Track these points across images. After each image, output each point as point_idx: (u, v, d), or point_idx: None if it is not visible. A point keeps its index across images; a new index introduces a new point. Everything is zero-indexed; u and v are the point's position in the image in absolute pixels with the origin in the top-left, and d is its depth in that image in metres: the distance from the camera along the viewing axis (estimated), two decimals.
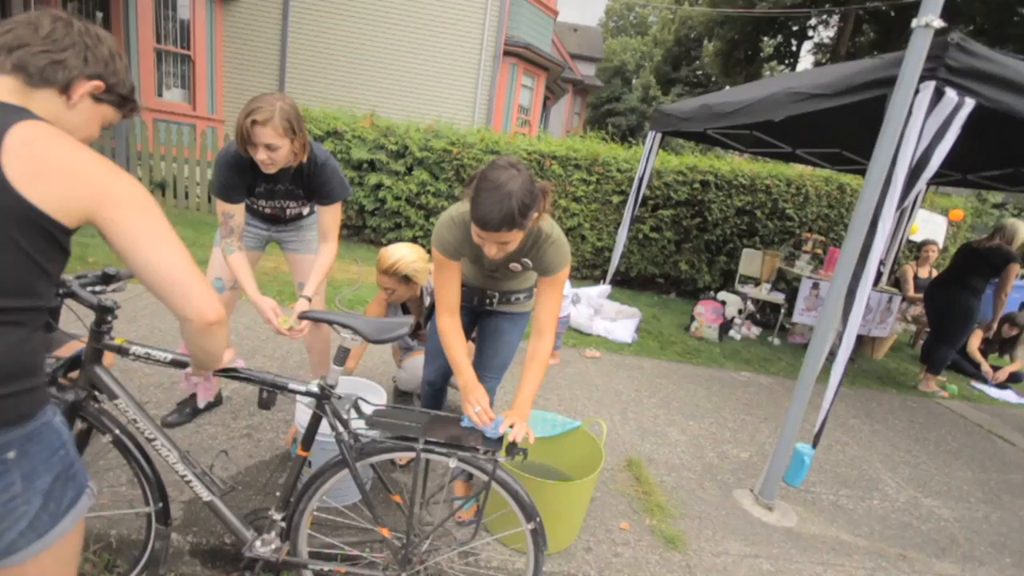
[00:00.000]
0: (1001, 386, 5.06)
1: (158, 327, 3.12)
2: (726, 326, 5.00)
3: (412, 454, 1.28)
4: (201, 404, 2.21)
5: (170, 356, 1.27)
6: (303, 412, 1.80)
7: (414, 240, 6.19)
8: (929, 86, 1.99)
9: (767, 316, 5.62)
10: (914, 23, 1.90)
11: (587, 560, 1.83)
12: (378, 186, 5.88)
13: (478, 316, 1.94)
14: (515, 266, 1.63)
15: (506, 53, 10.09)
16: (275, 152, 1.64)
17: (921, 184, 2.11)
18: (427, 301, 2.27)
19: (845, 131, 4.23)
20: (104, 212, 0.80)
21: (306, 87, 9.57)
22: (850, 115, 2.90)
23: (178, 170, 6.70)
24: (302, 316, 1.55)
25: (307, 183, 1.87)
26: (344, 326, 1.26)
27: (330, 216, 1.92)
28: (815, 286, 4.91)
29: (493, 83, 10.00)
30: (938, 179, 5.11)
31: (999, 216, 9.24)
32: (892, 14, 14.37)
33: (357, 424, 1.34)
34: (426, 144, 5.80)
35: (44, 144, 0.77)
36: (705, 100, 4.14)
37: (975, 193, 10.76)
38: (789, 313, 5.21)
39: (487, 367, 1.87)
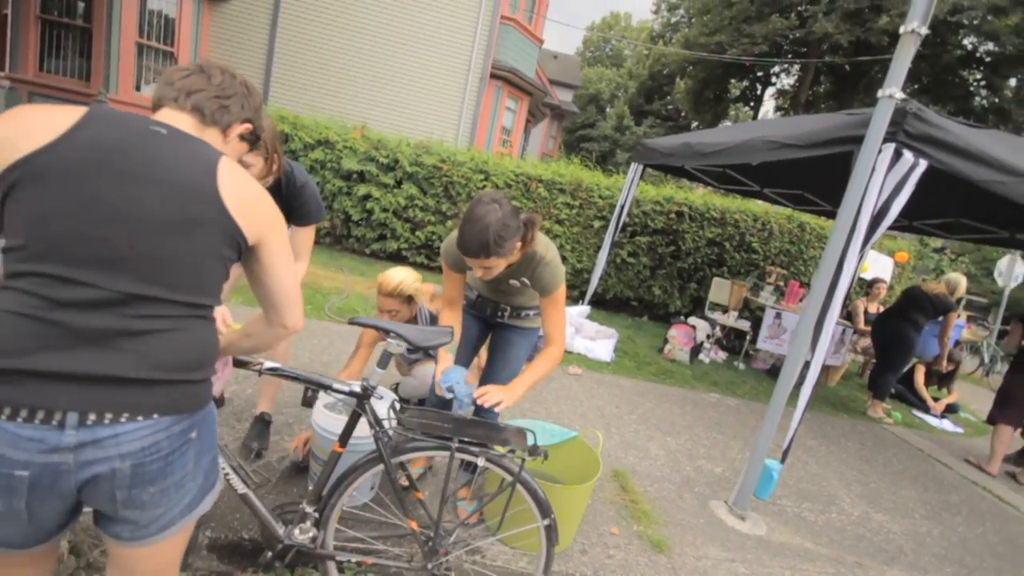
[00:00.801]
0: (940, 416, 5.53)
1: None
2: (696, 349, 5.29)
3: (444, 453, 1.40)
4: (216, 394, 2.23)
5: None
6: (322, 415, 1.89)
7: (398, 252, 6.27)
8: (890, 147, 2.29)
9: (732, 342, 5.96)
10: (880, 93, 2.21)
11: (583, 561, 1.96)
12: (366, 197, 5.95)
13: (491, 328, 2.08)
14: (514, 283, 1.82)
15: (492, 76, 10.40)
16: (248, 169, 1.67)
17: (881, 232, 2.41)
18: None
19: (808, 176, 4.65)
20: (269, 236, 0.99)
21: (291, 94, 9.56)
22: (814, 162, 3.23)
23: None
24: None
25: (285, 203, 1.89)
26: (392, 332, 1.38)
27: (304, 236, 1.98)
28: (778, 316, 5.27)
29: (479, 104, 10.26)
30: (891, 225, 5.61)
31: (938, 260, 10.07)
32: (847, 68, 15.57)
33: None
34: (417, 159, 5.94)
35: (242, 178, 0.94)
36: (687, 139, 4.47)
37: (918, 238, 11.73)
38: (753, 340, 5.56)
39: (496, 377, 2.00)
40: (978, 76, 13.68)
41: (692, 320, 5.59)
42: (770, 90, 19.33)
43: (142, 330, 0.84)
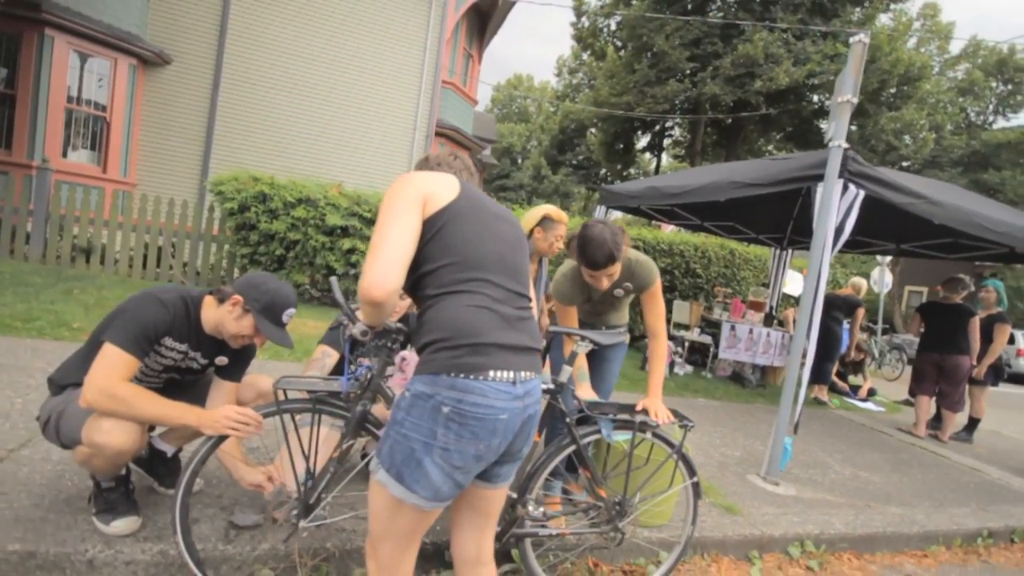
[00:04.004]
0: (863, 400, 6.63)
1: None
2: (671, 365, 5.97)
3: (627, 432, 1.78)
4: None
5: None
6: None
7: None
8: (840, 182, 3.11)
9: (694, 356, 6.75)
10: (831, 144, 3.02)
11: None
12: (351, 251, 6.11)
13: (588, 356, 2.36)
14: (619, 291, 2.18)
15: (437, 134, 11.04)
16: None
17: (840, 243, 3.19)
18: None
19: (739, 210, 5.65)
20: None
21: (236, 155, 9.45)
22: (748, 199, 4.07)
23: (95, 233, 6.23)
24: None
25: None
26: (583, 337, 1.76)
27: None
28: (732, 328, 6.13)
29: None
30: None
31: (833, 271, 11.99)
32: (729, 123, 18.27)
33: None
34: None
35: None
36: (651, 183, 5.27)
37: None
38: (715, 354, 6.37)
39: (598, 391, 2.31)
40: (826, 126, 16.79)
41: None
42: (668, 141, 22.00)
43: (524, 317, 1.20)
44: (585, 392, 2.01)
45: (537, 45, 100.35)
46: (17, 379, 2.75)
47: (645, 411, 1.84)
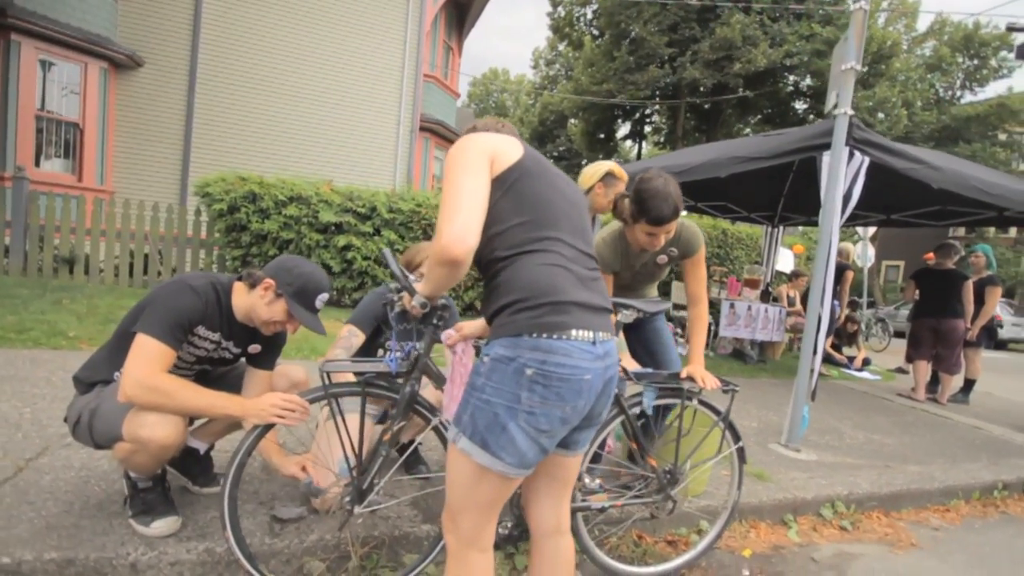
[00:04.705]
0: (859, 370, 6.77)
1: None
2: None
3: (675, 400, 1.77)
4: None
5: None
6: None
7: None
8: (846, 149, 3.14)
9: None
10: (837, 112, 3.05)
11: (722, 495, 2.36)
12: (347, 247, 6.00)
13: (632, 330, 2.30)
14: (662, 258, 2.08)
15: (421, 128, 10.91)
16: None
17: (849, 211, 3.22)
18: None
19: (732, 188, 5.70)
20: None
21: (217, 157, 9.21)
22: (739, 177, 4.09)
23: (77, 243, 6.02)
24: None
25: None
26: (627, 306, 1.74)
27: None
28: (732, 306, 6.19)
29: (411, 155, 10.67)
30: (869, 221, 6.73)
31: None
32: (707, 107, 18.44)
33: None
34: (393, 206, 6.16)
35: None
36: (650, 165, 5.28)
37: (804, 235, 14.24)
38: (715, 332, 6.43)
39: (668, 362, 2.24)
40: (805, 105, 17.08)
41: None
42: (648, 128, 22.13)
43: (595, 277, 1.17)
44: (627, 362, 1.99)
45: (511, 40, 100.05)
46: (21, 389, 2.64)
47: (690, 378, 1.82)
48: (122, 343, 1.54)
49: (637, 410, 1.78)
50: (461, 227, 1.00)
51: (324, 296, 1.64)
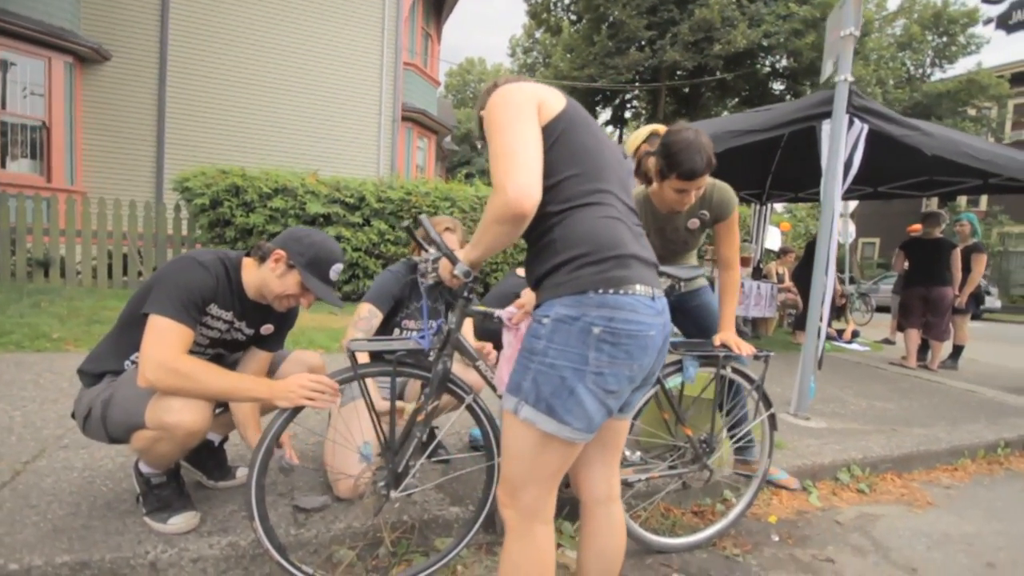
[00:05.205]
0: (849, 342, 6.90)
1: None
2: None
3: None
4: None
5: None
6: None
7: None
8: (846, 117, 3.14)
9: None
10: (837, 79, 3.04)
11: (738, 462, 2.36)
12: (337, 238, 5.85)
13: (678, 305, 2.12)
14: (693, 222, 1.94)
15: (404, 118, 10.71)
16: None
17: (850, 179, 3.23)
18: None
19: (721, 166, 5.67)
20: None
21: (192, 152, 8.90)
22: (727, 156, 4.05)
23: (51, 245, 5.78)
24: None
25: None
26: (663, 273, 1.68)
27: None
28: None
29: (394, 145, 10.47)
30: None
31: (806, 226, 12.40)
32: (686, 90, 18.50)
33: None
34: (382, 195, 6.03)
35: None
36: None
37: (791, 213, 14.47)
38: None
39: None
40: (782, 86, 17.24)
41: None
42: (628, 113, 22.14)
43: (642, 234, 1.11)
44: None
45: (486, 30, 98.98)
46: (8, 393, 2.50)
47: (725, 346, 1.79)
48: (128, 330, 1.44)
49: (676, 380, 1.75)
50: (527, 179, 0.93)
51: (338, 266, 1.56)
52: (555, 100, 1.06)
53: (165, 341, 1.27)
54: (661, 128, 2.14)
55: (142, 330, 1.32)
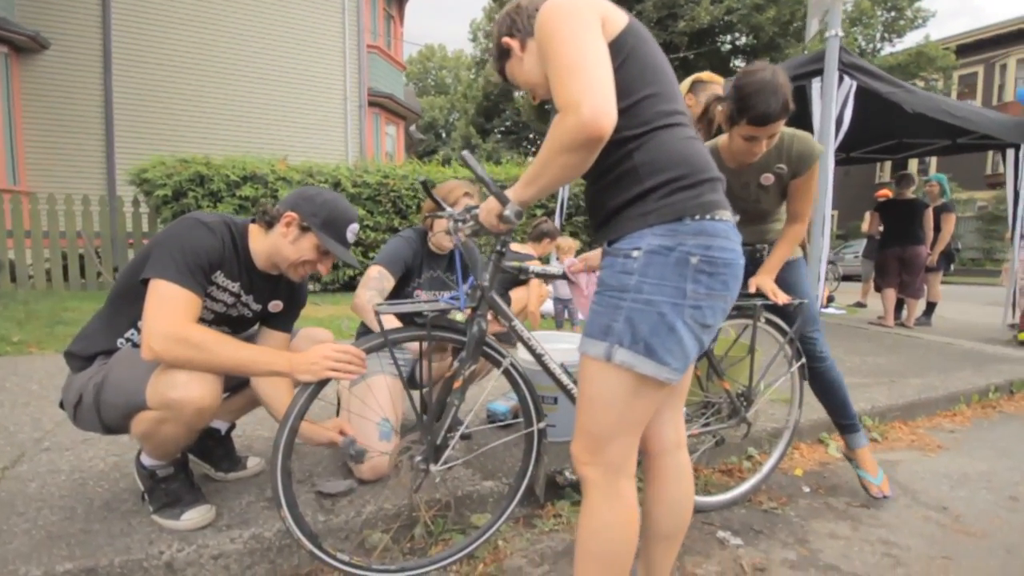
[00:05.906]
0: (825, 306, 7.10)
1: None
2: None
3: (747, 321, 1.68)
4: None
5: (560, 270, 1.46)
6: None
7: (352, 280, 5.99)
8: (836, 73, 3.14)
9: None
10: (828, 35, 3.03)
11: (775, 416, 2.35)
12: None
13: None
14: (767, 177, 1.70)
15: (370, 104, 10.36)
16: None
17: (841, 135, 3.25)
18: None
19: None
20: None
21: (146, 143, 8.38)
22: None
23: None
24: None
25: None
26: None
27: None
28: None
29: (362, 131, 10.13)
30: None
31: None
32: None
33: None
34: (358, 179, 5.79)
35: None
36: None
37: None
38: None
39: (805, 323, 1.83)
40: (743, 63, 17.51)
41: None
42: None
43: None
44: None
45: (444, 17, 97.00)
46: None
47: (759, 293, 1.72)
48: (122, 304, 1.28)
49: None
50: (603, 96, 0.81)
51: (355, 227, 1.43)
52: (618, 14, 0.95)
53: (171, 308, 1.12)
54: (705, 75, 2.01)
55: (139, 303, 1.17)
